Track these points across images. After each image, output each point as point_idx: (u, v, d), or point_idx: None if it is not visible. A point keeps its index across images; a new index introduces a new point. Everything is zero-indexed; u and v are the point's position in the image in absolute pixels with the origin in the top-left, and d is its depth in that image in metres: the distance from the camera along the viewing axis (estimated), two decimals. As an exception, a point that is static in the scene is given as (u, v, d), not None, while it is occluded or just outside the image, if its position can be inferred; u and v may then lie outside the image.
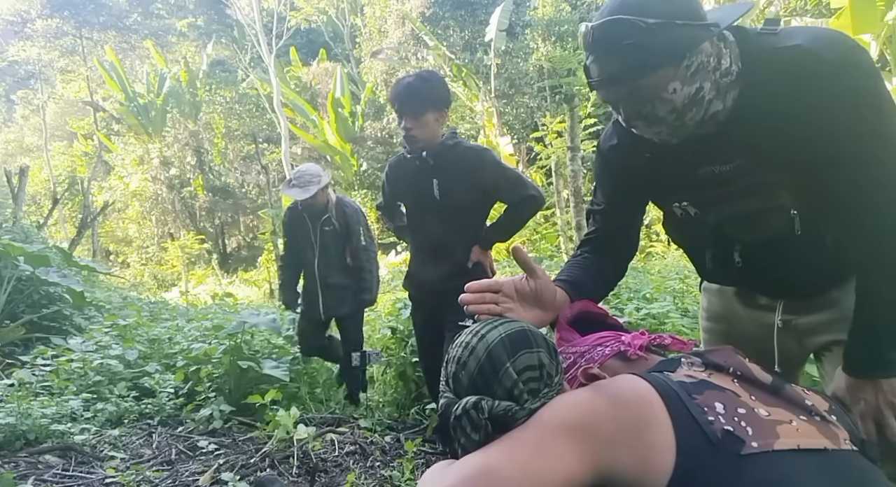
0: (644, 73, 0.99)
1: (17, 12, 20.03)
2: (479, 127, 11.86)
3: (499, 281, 1.08)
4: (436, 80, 2.42)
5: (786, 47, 1.02)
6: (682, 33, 0.97)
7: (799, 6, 8.02)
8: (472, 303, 1.05)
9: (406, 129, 2.38)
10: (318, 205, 3.66)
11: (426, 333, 2.63)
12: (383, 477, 2.60)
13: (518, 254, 1.10)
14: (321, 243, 3.71)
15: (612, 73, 1.01)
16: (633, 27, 0.96)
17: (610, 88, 1.04)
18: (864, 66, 0.99)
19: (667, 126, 1.06)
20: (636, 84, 1.00)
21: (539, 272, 1.10)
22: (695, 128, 1.07)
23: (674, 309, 3.48)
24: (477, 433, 0.82)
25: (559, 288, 1.17)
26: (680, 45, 0.97)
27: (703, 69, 1.00)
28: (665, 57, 0.98)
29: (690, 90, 1.01)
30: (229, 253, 19.17)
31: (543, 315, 1.12)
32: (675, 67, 0.99)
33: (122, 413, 3.49)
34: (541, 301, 1.11)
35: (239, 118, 18.79)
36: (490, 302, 1.06)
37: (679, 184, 1.19)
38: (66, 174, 19.18)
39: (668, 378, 0.85)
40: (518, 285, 1.09)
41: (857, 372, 1.08)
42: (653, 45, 0.96)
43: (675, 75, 0.99)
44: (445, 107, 2.43)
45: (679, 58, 0.98)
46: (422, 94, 2.34)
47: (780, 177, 1.09)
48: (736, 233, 1.18)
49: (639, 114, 1.05)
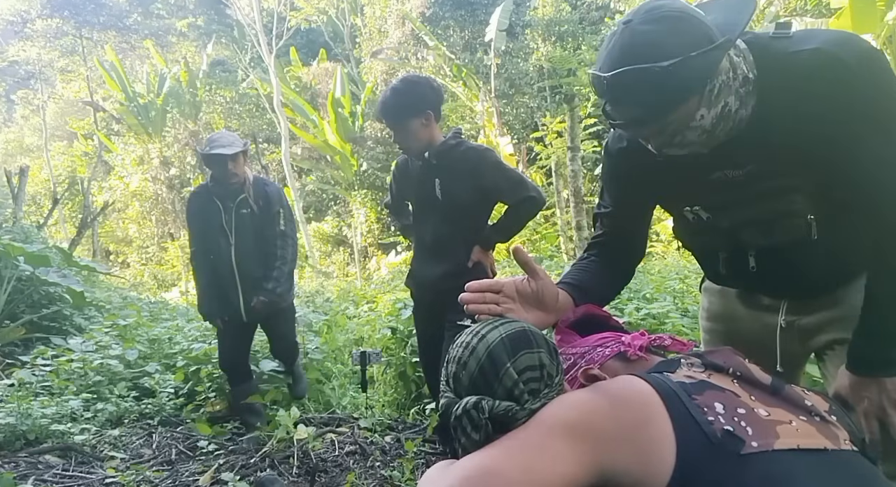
0: (668, 112, 0.97)
1: (17, 12, 20.03)
2: (479, 127, 11.84)
3: (500, 282, 1.07)
4: (409, 87, 2.40)
5: (802, 50, 1.00)
6: (700, 63, 0.93)
7: (799, 6, 8.02)
8: (472, 303, 1.04)
9: (398, 142, 2.49)
10: (234, 183, 3.14)
11: (426, 332, 2.63)
12: (383, 477, 2.60)
13: (519, 255, 1.09)
14: (237, 229, 3.17)
15: (636, 117, 0.99)
16: (648, 74, 0.91)
17: (636, 129, 1.03)
18: (883, 68, 0.99)
19: (699, 144, 1.05)
20: (662, 123, 0.99)
21: (540, 273, 1.09)
22: (724, 137, 1.05)
23: (674, 309, 3.48)
24: (477, 433, 0.83)
25: (562, 290, 1.16)
26: (700, 76, 0.95)
27: (726, 86, 0.99)
28: (687, 92, 0.96)
29: (717, 111, 1.00)
30: (229, 254, 19.13)
31: (545, 316, 1.11)
32: (699, 96, 0.97)
33: (122, 413, 3.49)
34: (542, 302, 1.10)
35: (239, 118, 18.78)
36: (491, 303, 1.04)
37: (691, 189, 1.18)
38: (66, 174, 19.16)
39: (668, 378, 0.85)
40: (519, 286, 1.08)
41: (861, 370, 1.08)
42: (673, 86, 0.93)
43: (700, 103, 0.98)
44: (429, 110, 2.40)
45: (701, 87, 0.96)
46: (399, 106, 2.39)
47: (794, 181, 1.08)
48: (751, 239, 1.17)
49: (670, 143, 1.04)
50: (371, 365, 3.69)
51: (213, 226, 3.19)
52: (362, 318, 5.61)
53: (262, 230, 3.20)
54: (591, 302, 1.19)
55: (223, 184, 3.16)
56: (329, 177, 15.72)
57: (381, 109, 2.43)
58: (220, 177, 3.13)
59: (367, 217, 14.23)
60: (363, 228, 14.22)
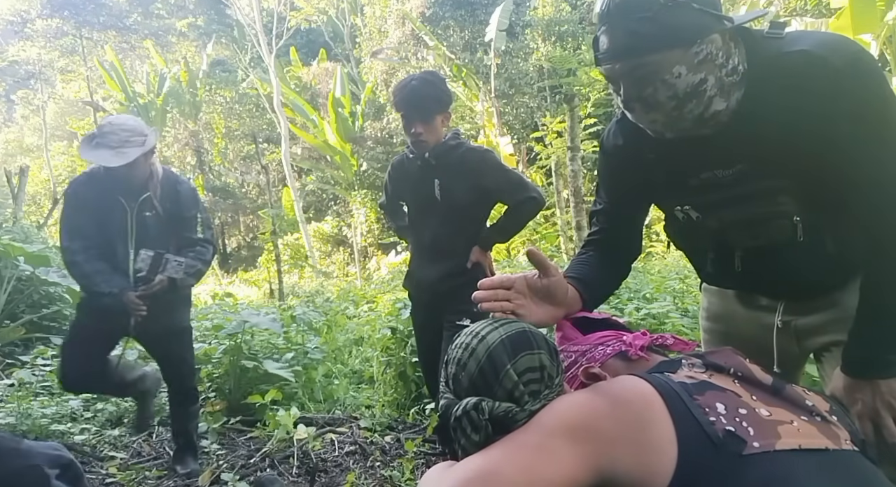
0: (653, 49, 0.99)
1: (17, 12, 20.03)
2: (479, 127, 11.85)
3: (511, 278, 1.08)
4: (439, 81, 2.42)
5: (792, 52, 1.02)
6: (697, 18, 0.97)
7: (799, 6, 8.03)
8: (484, 300, 1.05)
9: (415, 135, 2.37)
10: (138, 178, 2.48)
11: (425, 333, 2.63)
12: (383, 477, 2.60)
13: (533, 257, 1.09)
14: (139, 234, 2.52)
15: (621, 45, 1.01)
16: (650, 2, 0.97)
17: (616, 62, 1.04)
18: (871, 71, 1.00)
19: (664, 114, 1.05)
20: (643, 60, 1.00)
21: (552, 270, 1.10)
22: (692, 124, 1.06)
23: (674, 309, 3.48)
24: (477, 434, 0.82)
25: (570, 285, 1.17)
26: (692, 29, 0.98)
27: (711, 61, 1.01)
28: (676, 37, 0.98)
29: (694, 79, 1.01)
30: (229, 253, 19.18)
31: (554, 311, 1.12)
32: (683, 50, 0.99)
33: (122, 413, 3.49)
34: (552, 297, 1.11)
35: (239, 118, 18.79)
36: (502, 299, 1.06)
37: (681, 187, 1.19)
38: (66, 174, 19.15)
39: (670, 378, 0.85)
40: (530, 281, 1.09)
41: (855, 372, 1.08)
42: (666, 23, 0.97)
43: (682, 58, 0.99)
44: (450, 108, 2.44)
45: (689, 41, 0.99)
46: (429, 98, 2.34)
47: (783, 182, 1.08)
48: (737, 239, 1.18)
49: (639, 95, 1.04)
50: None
51: (110, 228, 2.50)
52: (362, 318, 5.61)
53: (169, 238, 2.56)
54: (594, 296, 1.20)
55: (119, 177, 2.44)
56: (329, 177, 15.72)
57: (414, 98, 2.32)
58: (112, 174, 2.43)
59: (367, 217, 14.23)
60: (363, 228, 14.23)
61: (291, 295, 9.26)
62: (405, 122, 2.40)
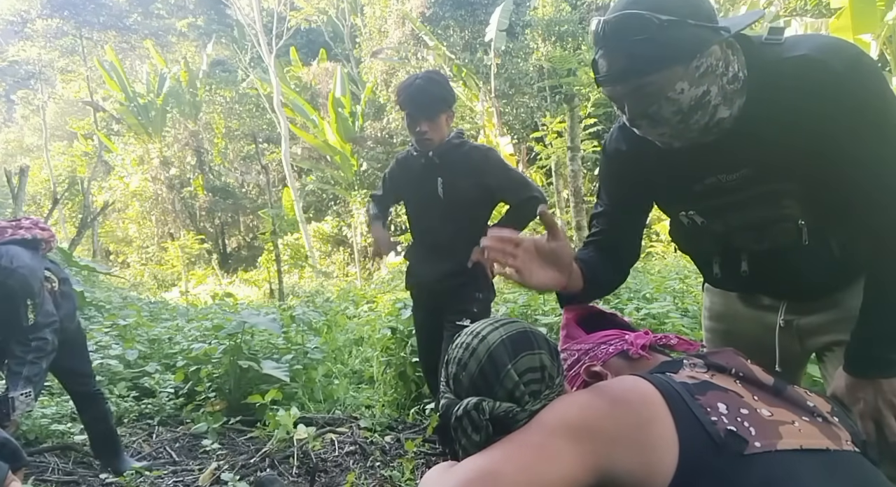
0: (653, 70, 0.99)
1: (17, 12, 20.03)
2: (479, 127, 11.84)
3: (520, 237, 1.09)
4: (444, 80, 2.44)
5: (792, 57, 1.02)
6: (694, 33, 0.97)
7: (799, 6, 8.03)
8: (491, 249, 1.06)
9: (421, 133, 2.37)
10: None
11: (425, 332, 2.63)
12: (383, 477, 2.60)
13: (544, 216, 1.12)
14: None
15: (621, 67, 1.01)
16: (645, 22, 0.96)
17: (617, 84, 1.04)
18: (871, 72, 1.00)
19: (670, 128, 1.05)
20: (644, 80, 1.00)
21: (560, 234, 1.12)
22: (699, 134, 1.06)
23: (674, 309, 3.48)
24: (478, 434, 0.82)
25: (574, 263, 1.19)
26: (690, 45, 0.98)
27: (712, 72, 1.01)
28: (675, 55, 0.98)
29: (697, 92, 1.01)
30: (229, 253, 19.17)
31: (558, 276, 1.13)
32: (684, 67, 0.99)
33: (122, 413, 3.49)
34: (558, 262, 1.12)
35: (239, 118, 18.79)
36: (509, 255, 1.07)
37: (685, 193, 1.19)
38: (66, 174, 19.17)
39: (671, 378, 0.85)
40: (538, 243, 1.11)
41: (857, 371, 1.09)
42: (664, 42, 0.96)
43: (683, 75, 0.99)
44: (454, 106, 2.46)
45: (689, 57, 0.98)
46: (434, 97, 2.35)
47: (787, 185, 1.09)
48: (743, 243, 1.18)
49: (644, 113, 1.05)
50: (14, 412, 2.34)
51: None
52: (362, 318, 5.61)
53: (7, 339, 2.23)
54: (596, 278, 1.21)
55: None
56: (329, 177, 15.72)
57: (420, 96, 2.33)
58: None
59: (368, 217, 14.21)
60: (363, 228, 14.21)
61: (291, 295, 9.27)
62: (410, 121, 2.40)
